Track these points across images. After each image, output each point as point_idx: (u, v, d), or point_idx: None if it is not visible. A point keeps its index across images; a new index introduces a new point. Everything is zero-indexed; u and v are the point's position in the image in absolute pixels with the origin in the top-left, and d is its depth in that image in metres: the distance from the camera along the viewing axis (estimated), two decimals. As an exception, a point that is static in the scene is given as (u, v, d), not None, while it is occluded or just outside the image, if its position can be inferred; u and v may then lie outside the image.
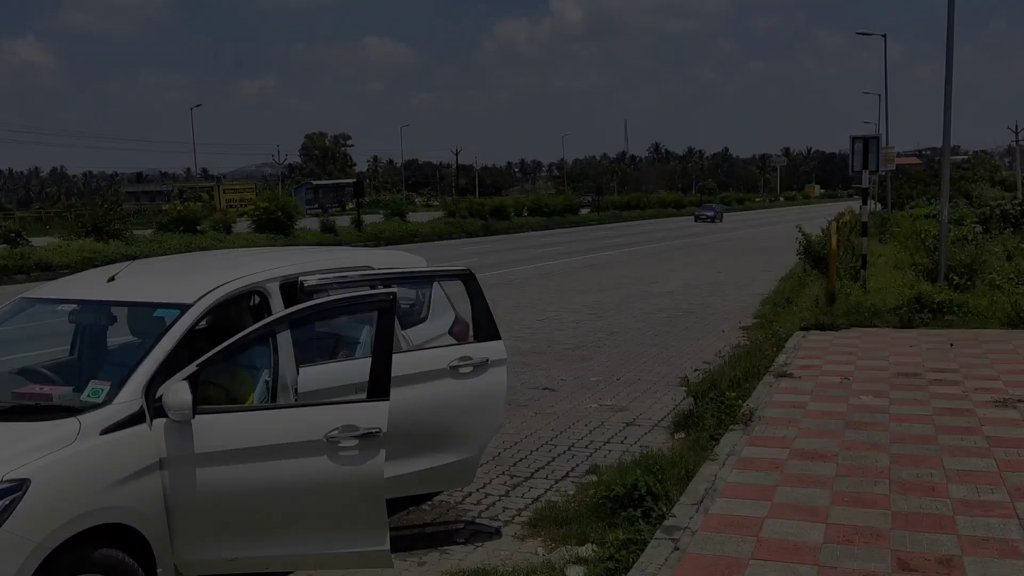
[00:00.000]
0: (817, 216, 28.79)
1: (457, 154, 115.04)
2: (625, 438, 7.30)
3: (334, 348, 5.23)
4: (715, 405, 7.16)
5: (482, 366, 5.16)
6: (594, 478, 6.10)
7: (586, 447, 7.06)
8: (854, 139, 14.30)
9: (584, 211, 63.52)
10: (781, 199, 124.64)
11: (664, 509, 5.09)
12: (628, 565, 4.42)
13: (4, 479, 3.36)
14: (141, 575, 3.74)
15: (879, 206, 41.24)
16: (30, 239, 26.89)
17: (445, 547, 5.12)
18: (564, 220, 53.60)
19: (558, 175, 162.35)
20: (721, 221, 58.61)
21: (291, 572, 4.65)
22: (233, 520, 3.96)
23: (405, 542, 5.09)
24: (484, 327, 5.31)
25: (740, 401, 7.33)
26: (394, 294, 4.32)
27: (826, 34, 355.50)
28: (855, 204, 22.77)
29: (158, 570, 3.84)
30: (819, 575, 4.27)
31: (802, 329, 11.35)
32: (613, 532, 4.86)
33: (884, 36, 39.29)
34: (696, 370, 9.05)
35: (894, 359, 9.32)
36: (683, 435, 7.01)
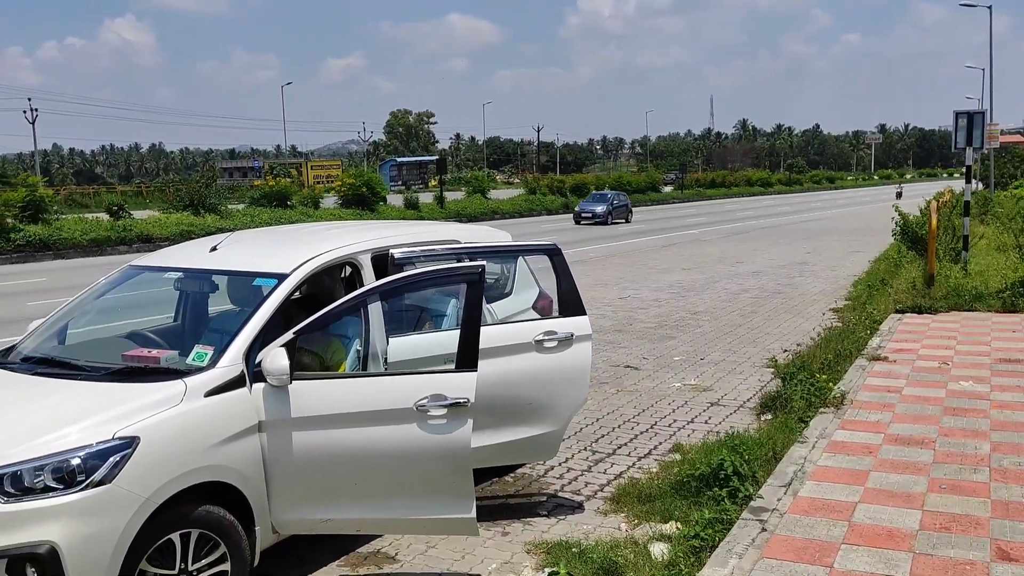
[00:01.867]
0: (913, 196, 27.66)
1: (539, 131, 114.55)
2: (709, 418, 7.22)
3: (421, 320, 5.31)
4: (804, 387, 7.00)
5: (567, 341, 5.17)
6: (678, 457, 6.06)
7: (669, 426, 7.01)
8: (958, 114, 13.64)
9: (667, 189, 62.65)
10: (875, 177, 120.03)
11: (751, 490, 5.02)
12: (714, 544, 4.39)
13: (115, 436, 3.54)
14: (240, 532, 3.90)
15: (980, 185, 39.36)
16: (131, 212, 28.07)
17: (528, 519, 5.17)
18: (646, 198, 52.97)
19: (640, 152, 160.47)
20: (627, 222, 36.05)
21: (379, 535, 4.80)
22: (326, 483, 4.09)
23: (488, 512, 5.16)
24: (570, 302, 5.31)
25: (831, 384, 7.15)
26: (483, 267, 4.36)
27: (927, 5, 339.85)
28: (956, 184, 21.77)
29: (256, 528, 4.00)
30: (914, 562, 4.15)
31: (897, 312, 10.97)
32: (698, 511, 4.82)
33: (990, 8, 37.27)
34: (785, 351, 8.86)
35: (996, 344, 8.93)
36: (770, 417, 6.88)
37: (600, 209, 35.05)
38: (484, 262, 4.46)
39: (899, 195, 46.79)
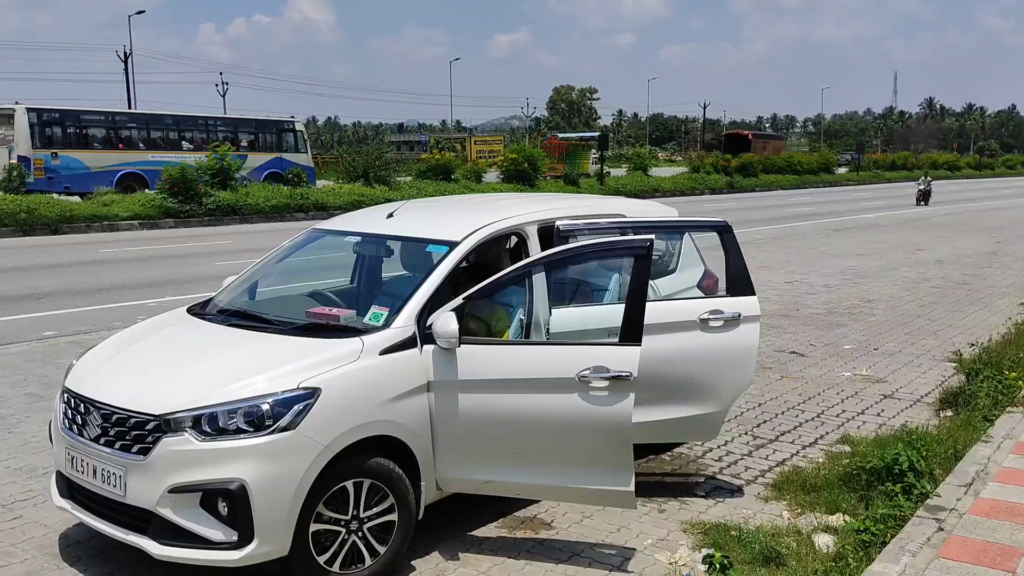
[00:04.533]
0: None
1: (705, 108, 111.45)
2: (882, 411, 6.84)
3: (583, 293, 5.32)
4: (991, 384, 6.51)
5: (734, 321, 5.04)
6: (847, 448, 5.80)
7: (837, 416, 6.70)
8: None
9: (841, 170, 59.37)
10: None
11: (927, 487, 4.73)
12: (884, 540, 4.17)
13: (300, 386, 3.79)
14: (407, 485, 4.09)
15: None
16: (309, 182, 29.72)
17: (684, 498, 5.11)
18: (818, 179, 50.53)
19: (813, 131, 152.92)
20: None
21: (537, 501, 4.89)
22: (489, 444, 4.21)
23: (644, 488, 5.13)
24: (738, 282, 5.16)
25: (1021, 382, 6.59)
26: (651, 240, 4.31)
27: None
28: None
29: (421, 483, 4.18)
30: (1115, 580, 3.79)
31: (1102, 310, 9.95)
32: (869, 505, 4.60)
33: None
34: (972, 345, 8.24)
35: None
36: (950, 413, 6.45)
37: None
38: (653, 236, 4.40)
39: None
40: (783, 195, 40.91)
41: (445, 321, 4.09)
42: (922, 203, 33.97)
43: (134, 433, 3.76)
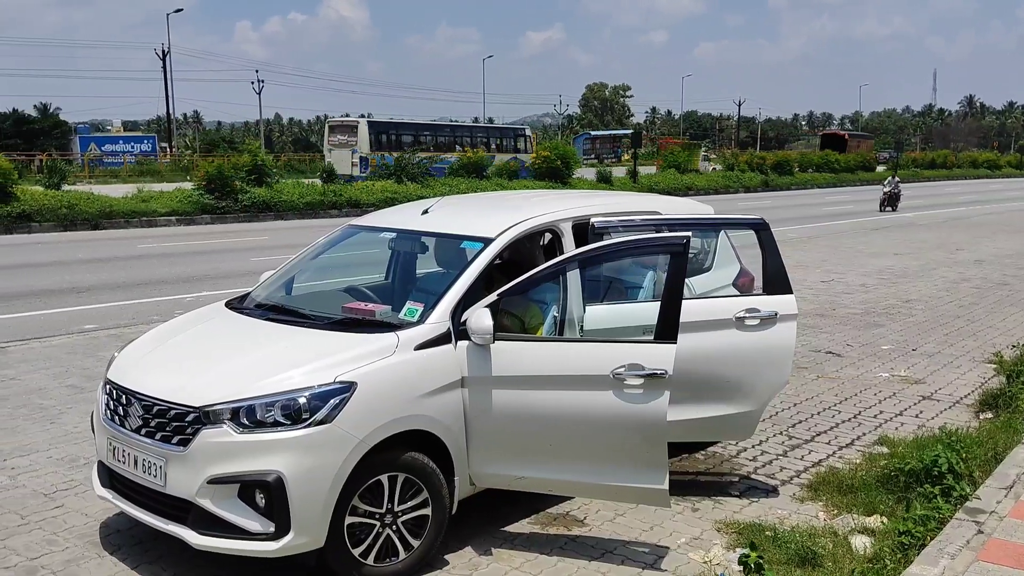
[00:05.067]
0: None
1: (740, 105, 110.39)
2: (920, 412, 6.74)
3: (617, 290, 5.31)
4: (1033, 386, 6.38)
5: (770, 320, 5.00)
6: (884, 449, 5.73)
7: (874, 417, 6.62)
8: None
9: (880, 168, 58.46)
10: None
11: (967, 490, 4.66)
12: (923, 542, 4.11)
13: (336, 380, 3.82)
14: (441, 480, 4.11)
15: None
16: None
17: (719, 497, 5.08)
18: (855, 178, 49.84)
19: (851, 128, 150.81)
20: None
21: (570, 498, 4.89)
22: (522, 441, 4.21)
23: (678, 487, 5.10)
24: (775, 280, 5.12)
25: (1065, 385, 6.46)
26: (688, 238, 4.28)
27: None
28: None
29: (455, 478, 4.19)
30: None
31: None
32: (907, 507, 4.54)
33: None
34: (1013, 346, 8.09)
35: None
36: (990, 415, 6.34)
37: None
38: (689, 233, 4.37)
39: None
40: (819, 193, 40.42)
41: (479, 317, 4.10)
42: (888, 208, 28.61)
43: (174, 424, 3.82)
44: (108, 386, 4.26)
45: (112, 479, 4.21)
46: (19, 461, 5.55)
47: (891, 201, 28.82)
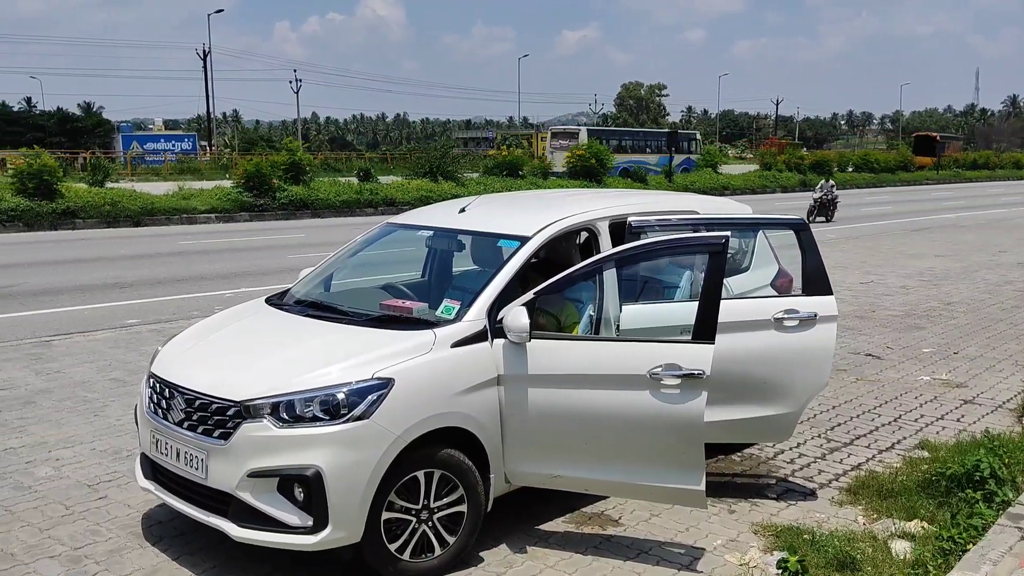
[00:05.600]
0: None
1: (777, 104, 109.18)
2: (962, 416, 6.62)
3: (653, 290, 5.28)
4: (1080, 392, 6.24)
5: (809, 321, 4.94)
6: (925, 454, 5.64)
7: (915, 420, 6.51)
8: None
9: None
10: None
11: (1010, 495, 4.57)
12: (964, 548, 4.05)
13: (374, 376, 3.85)
14: (477, 477, 4.12)
15: None
16: (378, 177, 30.17)
17: (755, 499, 5.04)
18: (895, 178, 49.06)
19: (891, 128, 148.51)
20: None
21: (605, 497, 4.88)
22: (557, 439, 4.21)
23: (714, 488, 5.06)
24: (815, 281, 5.06)
25: (1114, 391, 6.31)
26: (727, 238, 4.25)
27: None
28: None
29: (491, 476, 4.21)
30: None
31: None
32: (948, 512, 4.46)
33: None
34: (1057, 350, 7.91)
35: None
36: (1036, 421, 6.21)
37: None
38: (728, 233, 4.34)
39: None
40: (859, 194, 39.84)
41: (516, 315, 4.10)
42: (820, 218, 24.03)
43: (216, 418, 3.88)
44: (152, 380, 4.34)
45: (155, 471, 4.29)
46: (64, 453, 5.68)
47: (823, 210, 24.39)
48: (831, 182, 25.38)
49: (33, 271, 13.62)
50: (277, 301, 5.06)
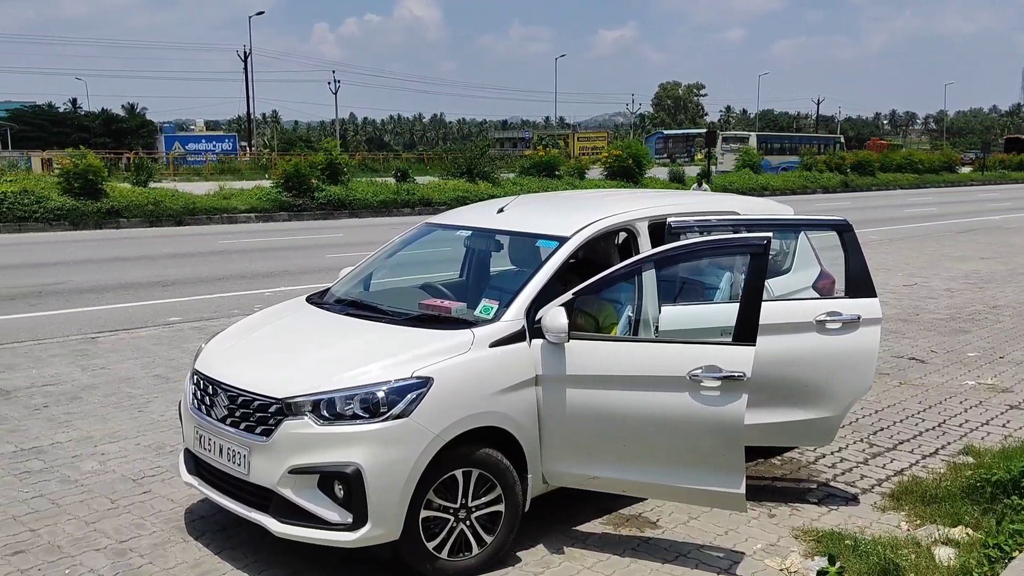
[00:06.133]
0: None
1: (818, 104, 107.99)
2: (1008, 421, 6.48)
3: (692, 291, 5.24)
4: None
5: (852, 324, 4.87)
6: (970, 459, 5.53)
7: (960, 426, 6.38)
8: None
9: (964, 170, 56.40)
10: None
11: (1060, 504, 4.45)
12: (1011, 556, 3.95)
13: (413, 375, 3.88)
14: (514, 477, 4.13)
15: None
16: (415, 177, 30.32)
17: (796, 504, 4.98)
18: (939, 179, 48.18)
19: (935, 129, 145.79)
20: None
21: (643, 499, 4.85)
22: (595, 440, 4.20)
23: (753, 492, 5.01)
24: (859, 283, 4.99)
25: None
26: (768, 239, 4.20)
27: None
28: None
29: (528, 475, 4.21)
30: None
31: None
32: (998, 519, 4.37)
33: None
34: (1109, 356, 7.70)
35: None
36: (1087, 428, 6.05)
37: None
38: (770, 233, 4.29)
39: None
40: (902, 195, 39.19)
41: (555, 316, 4.10)
42: None
43: (258, 415, 3.93)
44: (195, 376, 4.40)
45: (198, 466, 4.36)
46: (109, 447, 5.79)
47: None
48: (704, 186, 24.99)
49: (79, 269, 13.92)
50: (317, 300, 5.11)
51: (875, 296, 4.95)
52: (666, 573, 4.16)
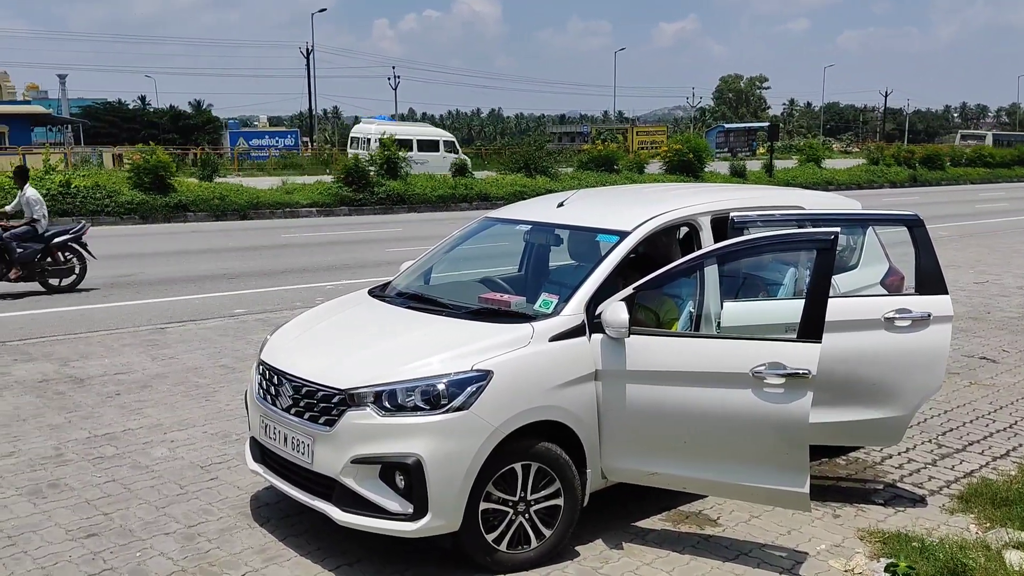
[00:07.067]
0: None
1: (886, 96, 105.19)
2: (1086, 425, 6.24)
3: (755, 286, 5.16)
4: None
5: (922, 321, 4.75)
6: (1045, 463, 5.33)
7: (1034, 428, 6.17)
8: None
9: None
10: None
11: None
12: (1091, 565, 3.82)
13: (473, 368, 3.90)
14: (573, 471, 4.12)
15: None
16: (472, 172, 30.43)
17: (861, 504, 4.87)
18: (1012, 173, 46.45)
19: (1007, 122, 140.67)
20: None
21: (703, 496, 4.81)
22: (655, 437, 4.17)
23: (817, 492, 4.91)
24: (929, 279, 4.86)
25: None
26: (836, 234, 4.12)
27: None
28: None
29: (587, 471, 4.20)
30: None
31: None
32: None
33: None
34: None
35: None
36: None
37: None
38: (838, 229, 4.19)
39: None
40: (972, 189, 37.95)
41: (615, 311, 4.08)
42: None
43: (321, 405, 4.01)
44: (261, 367, 4.50)
45: (263, 455, 4.46)
46: (178, 435, 5.96)
47: None
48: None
49: (148, 261, 14.34)
50: (379, 293, 5.18)
51: (946, 293, 4.81)
52: (727, 571, 4.12)
